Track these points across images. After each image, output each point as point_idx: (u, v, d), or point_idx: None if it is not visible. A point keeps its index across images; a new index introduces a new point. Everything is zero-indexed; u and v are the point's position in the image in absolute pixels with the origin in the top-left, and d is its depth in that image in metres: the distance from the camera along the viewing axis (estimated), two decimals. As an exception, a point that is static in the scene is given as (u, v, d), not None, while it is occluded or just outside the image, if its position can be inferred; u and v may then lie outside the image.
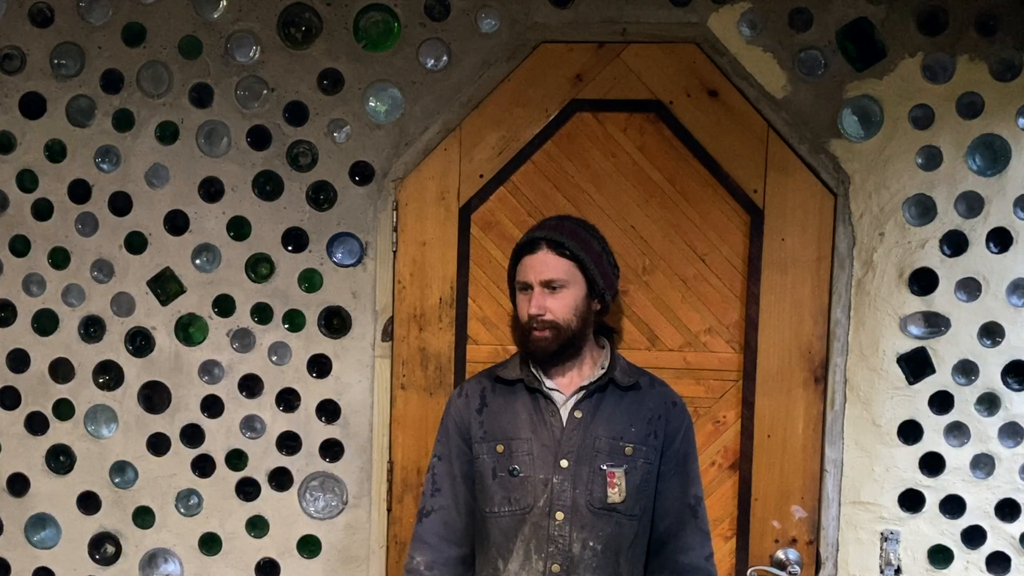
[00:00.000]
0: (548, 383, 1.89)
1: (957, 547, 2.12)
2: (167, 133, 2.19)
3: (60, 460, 2.25)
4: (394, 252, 2.19)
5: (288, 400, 2.22)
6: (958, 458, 2.11)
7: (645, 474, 1.85)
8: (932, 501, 2.12)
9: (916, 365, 2.11)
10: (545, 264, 1.84)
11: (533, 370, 1.90)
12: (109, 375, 2.24)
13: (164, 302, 2.21)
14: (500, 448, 1.86)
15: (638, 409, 1.89)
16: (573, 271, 1.86)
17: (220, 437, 2.22)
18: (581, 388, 1.88)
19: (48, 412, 2.24)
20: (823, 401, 2.13)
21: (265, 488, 2.22)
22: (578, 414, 1.86)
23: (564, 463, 1.83)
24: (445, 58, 2.14)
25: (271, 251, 2.20)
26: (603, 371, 1.89)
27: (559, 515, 1.82)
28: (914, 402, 2.11)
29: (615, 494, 1.82)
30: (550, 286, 1.84)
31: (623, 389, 1.90)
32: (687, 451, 1.91)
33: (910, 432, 2.12)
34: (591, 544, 1.81)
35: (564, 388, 1.89)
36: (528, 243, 1.88)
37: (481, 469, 1.87)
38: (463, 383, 2.01)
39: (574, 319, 1.85)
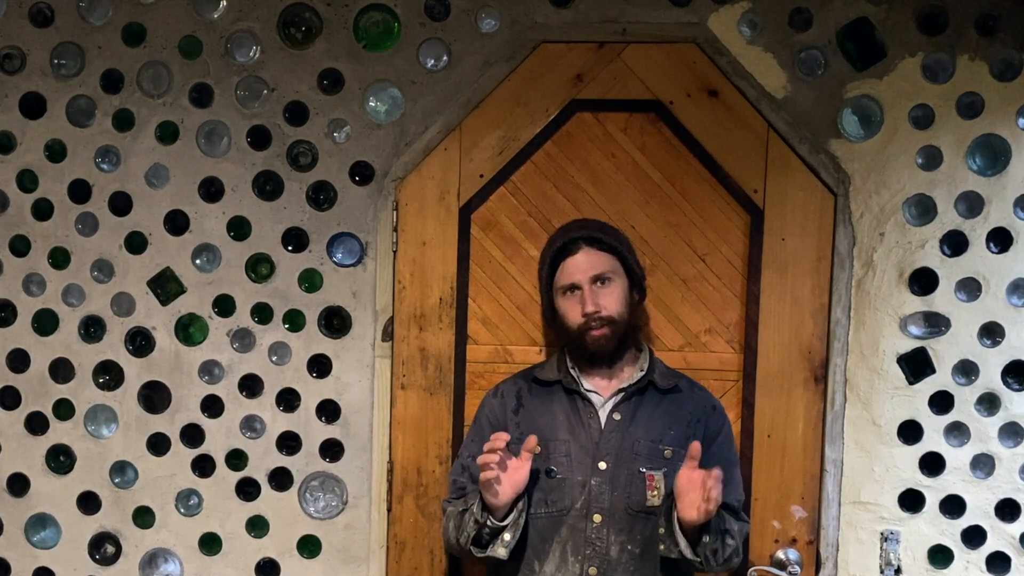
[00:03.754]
0: (586, 385, 1.89)
1: (957, 547, 2.12)
2: (167, 133, 2.19)
3: (60, 460, 2.25)
4: (394, 252, 2.19)
5: (288, 400, 2.22)
6: (958, 458, 2.11)
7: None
8: (932, 501, 2.12)
9: (916, 365, 2.11)
10: (591, 261, 1.86)
11: (572, 372, 1.90)
12: (109, 375, 2.24)
13: (164, 302, 2.21)
14: (537, 449, 1.85)
15: (677, 412, 1.88)
16: (615, 264, 1.88)
17: (220, 437, 2.22)
18: (620, 390, 1.87)
19: (48, 412, 2.24)
20: (823, 401, 2.13)
21: (265, 488, 2.22)
22: (617, 416, 1.86)
23: (602, 465, 1.83)
24: (445, 58, 2.14)
25: (271, 251, 2.20)
26: (642, 373, 1.89)
27: (597, 517, 1.81)
28: (914, 402, 2.11)
29: (654, 497, 1.81)
30: (600, 280, 1.85)
31: (662, 392, 1.89)
32: (726, 455, 1.90)
33: (910, 432, 2.12)
34: (629, 547, 1.81)
35: (602, 390, 1.89)
36: (565, 245, 1.88)
37: None
38: (498, 384, 2.01)
39: (625, 311, 1.86)
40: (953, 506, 2.12)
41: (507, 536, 1.76)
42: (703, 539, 1.73)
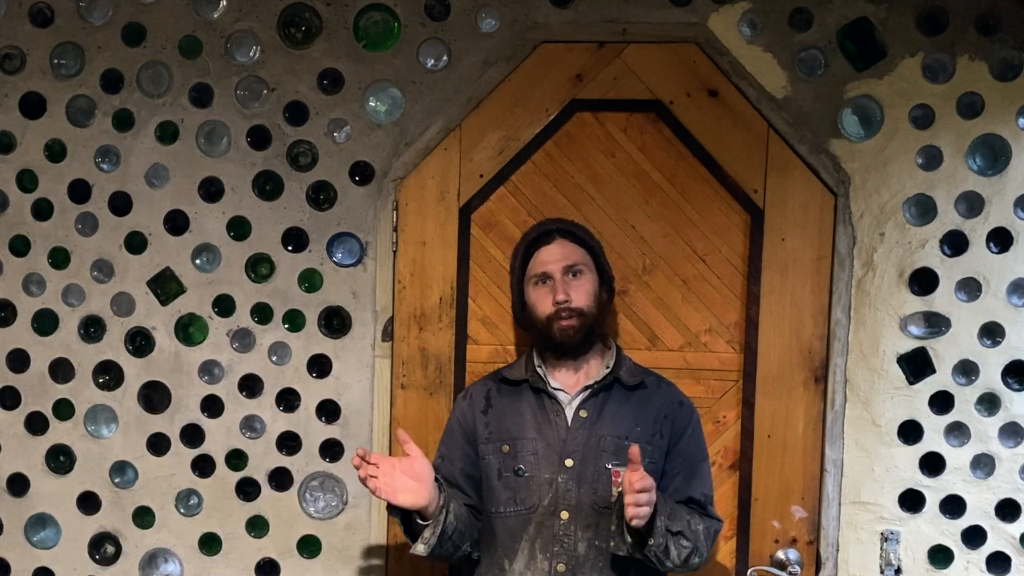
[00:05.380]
0: (553, 383, 1.89)
1: (957, 547, 2.12)
2: (167, 133, 2.19)
3: (60, 460, 2.25)
4: (394, 252, 2.19)
5: (288, 400, 2.22)
6: (958, 458, 2.11)
7: (650, 474, 1.84)
8: (932, 501, 2.12)
9: (916, 365, 2.11)
10: (564, 251, 1.88)
11: (538, 370, 1.90)
12: (109, 375, 2.24)
13: (164, 302, 2.21)
14: (505, 448, 1.86)
15: (644, 408, 1.89)
16: (588, 258, 1.91)
17: (220, 437, 2.22)
18: (586, 387, 1.88)
19: (48, 412, 2.24)
20: (823, 401, 2.13)
21: (265, 488, 2.22)
22: (583, 413, 1.86)
23: (569, 462, 1.83)
24: (445, 58, 2.14)
25: (271, 251, 2.20)
26: (608, 370, 1.90)
27: (564, 514, 1.82)
28: (914, 402, 2.11)
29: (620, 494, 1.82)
30: (572, 271, 1.87)
31: (629, 388, 1.90)
32: (694, 451, 1.91)
33: (910, 432, 2.12)
34: (596, 543, 1.81)
35: (569, 388, 1.89)
36: (540, 236, 1.92)
37: (487, 470, 1.87)
38: (468, 386, 2.02)
39: (594, 305, 1.88)
40: (953, 506, 2.12)
41: (427, 533, 1.75)
42: (648, 540, 1.72)
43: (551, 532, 1.82)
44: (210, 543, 2.25)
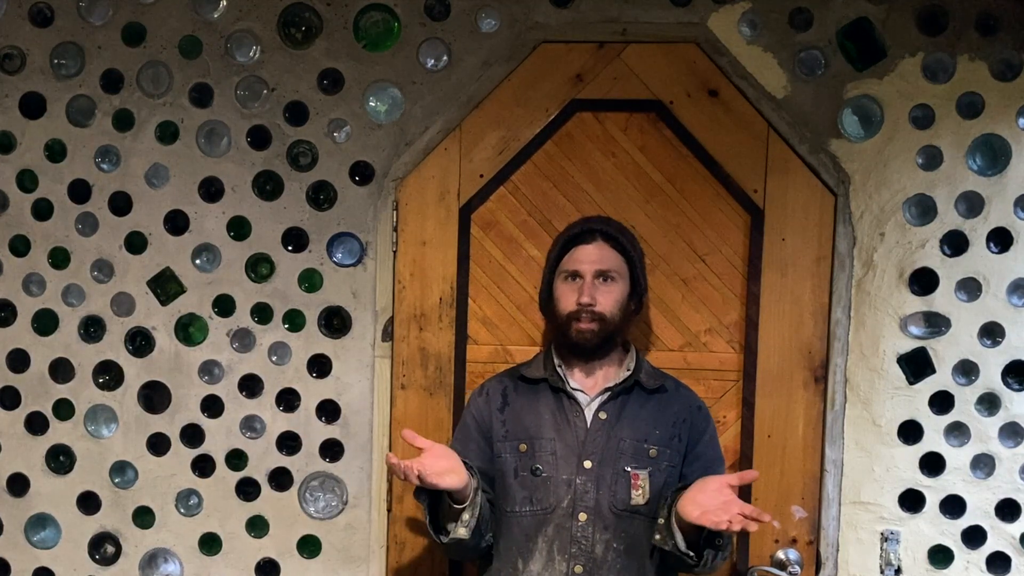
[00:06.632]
0: (572, 383, 1.89)
1: (957, 547, 2.12)
2: (167, 133, 2.19)
3: (60, 460, 2.25)
4: (394, 252, 2.19)
5: (288, 400, 2.22)
6: (958, 458, 2.11)
7: (668, 477, 1.85)
8: (932, 501, 2.12)
9: (916, 365, 2.11)
10: (601, 254, 1.86)
11: (559, 369, 1.90)
12: (109, 375, 2.24)
13: (164, 302, 2.21)
14: (523, 447, 1.86)
15: (663, 412, 1.89)
16: (623, 267, 1.89)
17: (220, 437, 2.22)
18: (606, 389, 1.88)
19: (48, 412, 2.24)
20: (823, 401, 2.13)
21: (265, 488, 2.22)
22: (603, 415, 1.86)
23: (588, 464, 1.83)
24: (445, 58, 2.14)
25: (271, 251, 2.20)
26: (629, 373, 1.90)
27: (582, 516, 1.81)
28: (914, 402, 2.11)
29: (639, 496, 1.82)
30: (604, 276, 1.86)
31: (648, 392, 1.90)
32: (711, 455, 1.91)
33: (910, 432, 2.12)
34: (614, 545, 1.81)
35: (588, 389, 1.89)
36: (583, 233, 1.90)
37: (503, 468, 1.87)
38: (484, 382, 2.01)
39: (618, 314, 1.86)
40: (953, 506, 2.12)
41: (466, 516, 1.75)
42: (716, 541, 1.71)
43: (569, 533, 1.81)
44: (210, 543, 2.25)
